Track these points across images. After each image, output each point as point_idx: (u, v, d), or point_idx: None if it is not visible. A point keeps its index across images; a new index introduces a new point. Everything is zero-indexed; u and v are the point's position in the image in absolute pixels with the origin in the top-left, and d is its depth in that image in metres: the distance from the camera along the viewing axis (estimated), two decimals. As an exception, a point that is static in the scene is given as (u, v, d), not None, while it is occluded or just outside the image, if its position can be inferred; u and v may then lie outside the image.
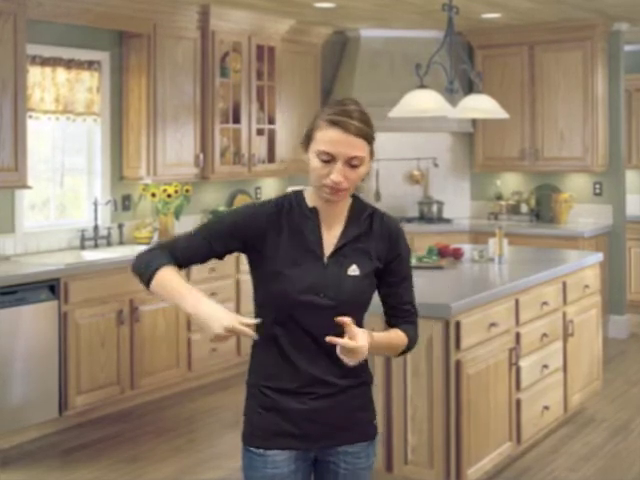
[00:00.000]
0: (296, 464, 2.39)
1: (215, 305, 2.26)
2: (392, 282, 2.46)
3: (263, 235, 2.36)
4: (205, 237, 2.40)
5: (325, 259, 2.36)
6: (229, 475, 4.77)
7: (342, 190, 2.30)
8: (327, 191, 2.31)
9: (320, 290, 2.33)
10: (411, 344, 2.50)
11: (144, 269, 2.36)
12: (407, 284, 2.49)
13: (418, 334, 2.54)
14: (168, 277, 2.34)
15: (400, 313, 2.49)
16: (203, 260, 2.43)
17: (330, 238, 2.39)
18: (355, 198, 2.44)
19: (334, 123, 2.26)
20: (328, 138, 2.26)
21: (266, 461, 2.37)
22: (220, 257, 2.43)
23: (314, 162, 2.30)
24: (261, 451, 2.37)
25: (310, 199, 2.40)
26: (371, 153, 2.34)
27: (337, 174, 2.27)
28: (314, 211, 2.38)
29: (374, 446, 2.51)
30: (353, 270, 2.36)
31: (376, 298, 2.47)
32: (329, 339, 2.23)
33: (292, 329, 2.34)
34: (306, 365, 2.35)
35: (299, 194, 2.42)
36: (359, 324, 2.37)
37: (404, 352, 2.51)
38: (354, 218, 2.41)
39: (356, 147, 2.27)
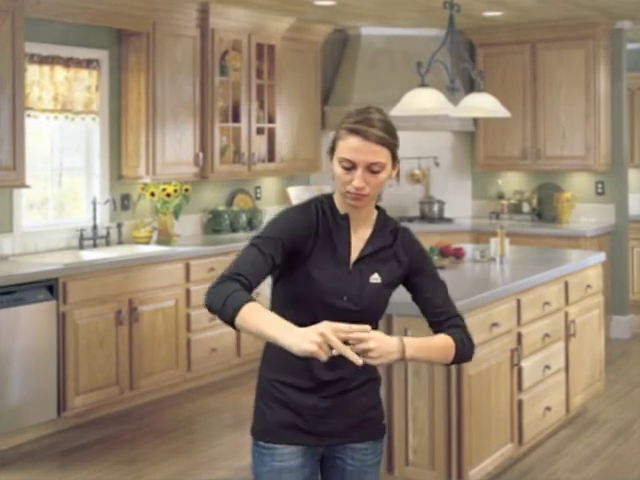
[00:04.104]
0: (304, 458, 2.43)
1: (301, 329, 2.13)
2: (421, 290, 2.49)
3: (305, 239, 2.40)
4: (264, 252, 2.32)
5: (350, 265, 2.43)
6: (229, 476, 4.75)
7: (364, 195, 2.37)
8: (350, 197, 2.38)
9: (344, 294, 2.40)
10: (462, 347, 2.42)
11: (224, 306, 2.21)
12: (436, 289, 2.49)
13: (471, 337, 2.47)
14: (250, 312, 2.18)
15: (439, 318, 2.46)
16: (265, 277, 2.36)
17: (357, 243, 2.45)
18: (380, 211, 2.51)
19: (354, 131, 2.34)
20: (349, 146, 2.35)
21: (274, 454, 2.41)
22: (274, 271, 2.38)
23: (337, 169, 2.38)
24: (270, 445, 2.41)
25: (339, 205, 2.46)
26: (394, 159, 2.40)
27: (358, 180, 2.34)
28: (345, 218, 2.45)
29: (382, 443, 2.55)
30: (375, 278, 2.44)
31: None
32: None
33: None
34: (322, 365, 2.33)
35: (330, 199, 2.48)
36: (375, 329, 2.42)
37: (459, 358, 2.44)
38: (380, 230, 2.48)
39: (376, 154, 2.34)
